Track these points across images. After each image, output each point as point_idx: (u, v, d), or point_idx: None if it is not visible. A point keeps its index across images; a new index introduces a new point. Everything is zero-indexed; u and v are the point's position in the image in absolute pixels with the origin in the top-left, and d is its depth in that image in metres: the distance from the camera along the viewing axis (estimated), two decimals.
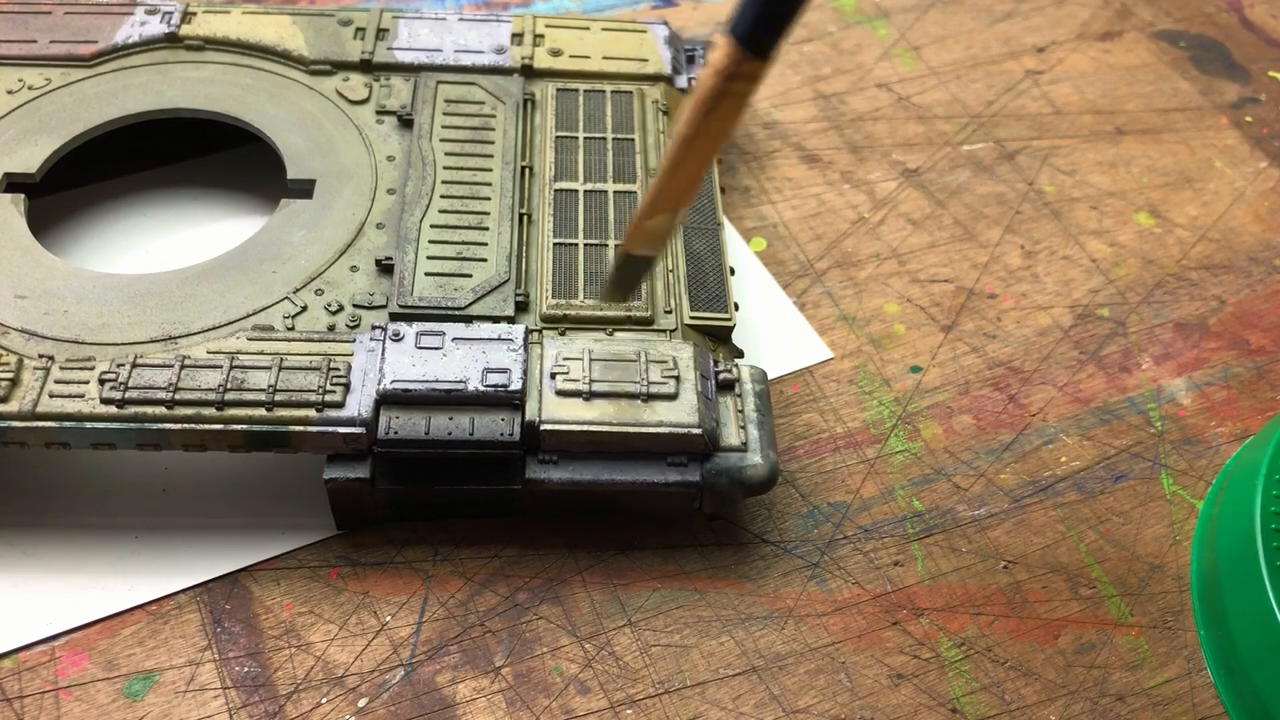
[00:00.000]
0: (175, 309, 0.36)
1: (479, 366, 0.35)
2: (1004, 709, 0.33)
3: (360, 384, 0.35)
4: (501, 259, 0.38)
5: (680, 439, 0.34)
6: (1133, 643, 0.35)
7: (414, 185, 0.40)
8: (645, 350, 0.36)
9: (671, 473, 0.35)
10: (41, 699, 0.33)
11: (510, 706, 0.33)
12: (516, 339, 0.36)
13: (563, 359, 0.36)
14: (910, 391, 0.41)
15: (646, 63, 0.45)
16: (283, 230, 0.39)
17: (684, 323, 0.37)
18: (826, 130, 0.51)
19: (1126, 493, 0.39)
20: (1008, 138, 0.51)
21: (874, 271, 0.45)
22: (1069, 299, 0.45)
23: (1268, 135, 0.52)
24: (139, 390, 0.34)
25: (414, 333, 0.36)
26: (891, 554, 0.37)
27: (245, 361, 0.35)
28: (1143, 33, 0.58)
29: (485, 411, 0.34)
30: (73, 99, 0.42)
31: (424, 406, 0.34)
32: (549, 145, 0.42)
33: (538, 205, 0.40)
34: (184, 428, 0.34)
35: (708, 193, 0.42)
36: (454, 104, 0.42)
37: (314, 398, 0.34)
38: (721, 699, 0.33)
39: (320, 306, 0.37)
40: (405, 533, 0.36)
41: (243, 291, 0.37)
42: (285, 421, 0.34)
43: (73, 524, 0.36)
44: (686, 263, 0.39)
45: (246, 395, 0.34)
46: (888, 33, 0.57)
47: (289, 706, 0.33)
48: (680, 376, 0.35)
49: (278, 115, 0.42)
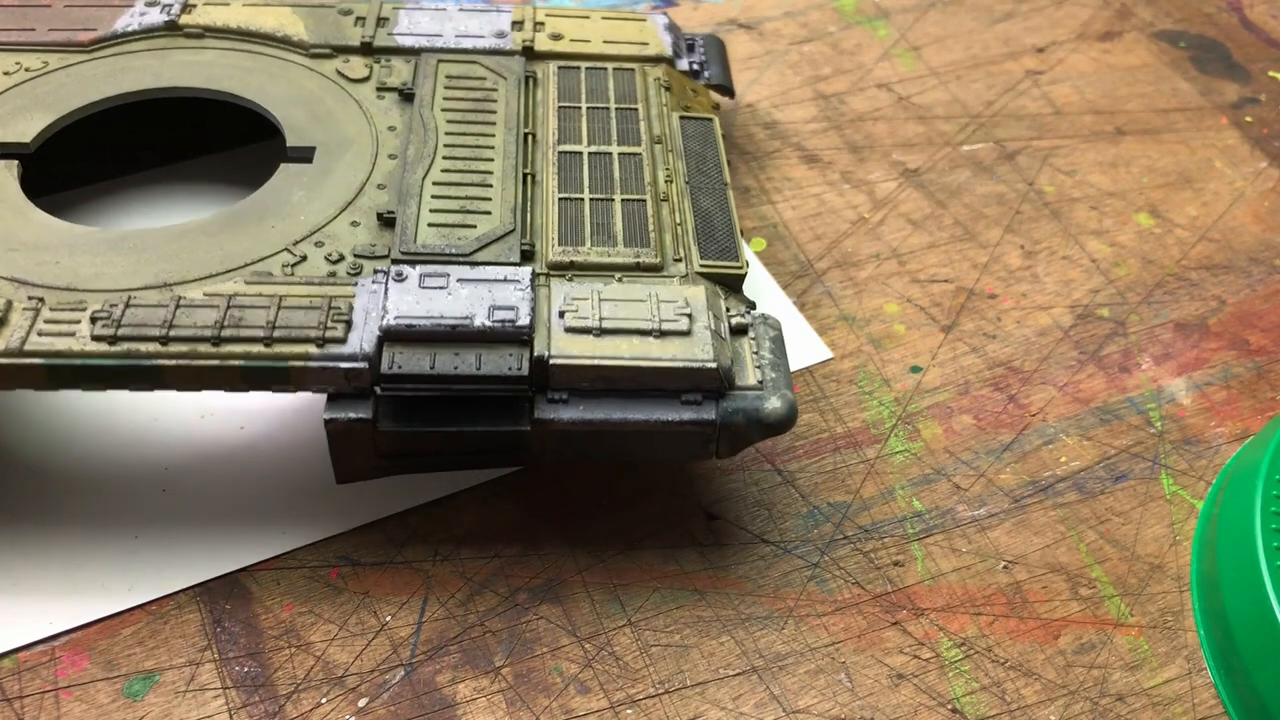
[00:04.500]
0: (171, 260, 0.36)
1: (485, 304, 0.34)
2: (1004, 709, 0.33)
3: (362, 322, 0.34)
4: (506, 212, 0.37)
5: (695, 373, 0.33)
6: (1133, 643, 0.35)
7: (415, 148, 0.39)
8: (656, 292, 0.35)
9: (686, 411, 0.33)
10: (41, 699, 0.33)
11: (510, 706, 0.33)
12: (523, 279, 0.35)
13: (571, 299, 0.35)
14: (910, 391, 0.41)
15: (647, 46, 0.45)
16: (282, 191, 0.38)
17: (694, 270, 0.37)
18: (826, 130, 0.51)
19: (1126, 493, 0.39)
20: (1008, 138, 0.51)
21: (874, 271, 0.45)
22: (1069, 299, 0.45)
23: (1268, 135, 0.52)
24: (132, 328, 0.33)
25: (418, 274, 0.35)
26: (891, 554, 0.37)
27: (243, 302, 0.34)
28: (1143, 33, 0.58)
29: (492, 347, 0.33)
30: (70, 79, 0.42)
31: (429, 343, 0.33)
32: (551, 114, 0.42)
33: (541, 167, 0.40)
34: (179, 364, 0.32)
35: (713, 156, 0.41)
36: (455, 79, 0.42)
37: (314, 334, 0.33)
38: (721, 699, 0.33)
39: (320, 257, 0.36)
40: (405, 532, 0.36)
41: (240, 244, 0.36)
42: (284, 357, 0.33)
43: (73, 524, 0.36)
44: (695, 218, 0.38)
45: (244, 332, 0.33)
46: (888, 33, 0.57)
47: (289, 706, 0.33)
48: (693, 315, 0.35)
49: (277, 92, 0.42)
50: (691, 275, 0.36)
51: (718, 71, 0.47)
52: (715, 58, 0.47)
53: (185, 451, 0.38)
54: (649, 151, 0.40)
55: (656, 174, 0.39)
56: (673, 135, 0.41)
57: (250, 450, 0.38)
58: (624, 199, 0.38)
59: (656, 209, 0.38)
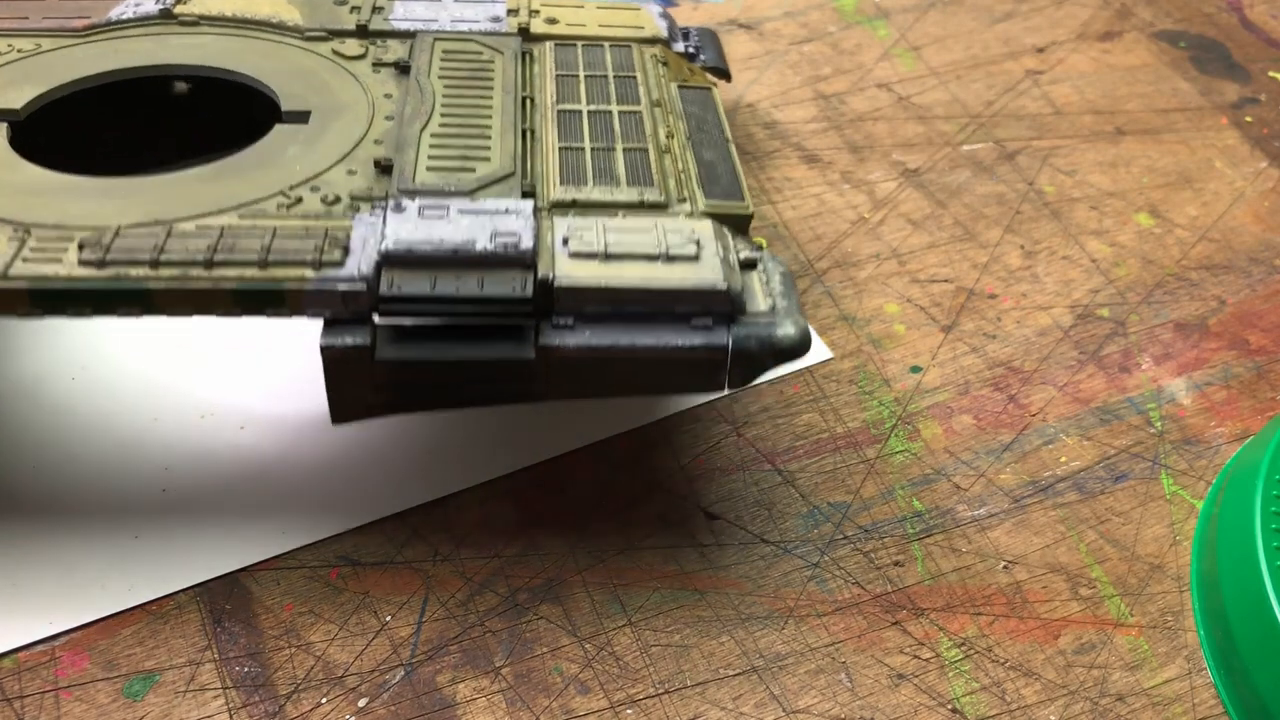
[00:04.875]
0: (162, 202, 0.35)
1: (487, 231, 0.33)
2: (1004, 709, 0.33)
3: (360, 249, 0.33)
4: (506, 158, 0.37)
5: (704, 295, 0.33)
6: (1133, 643, 0.35)
7: (413, 107, 0.39)
8: (662, 224, 0.35)
9: (697, 336, 0.33)
10: (41, 699, 0.33)
11: (510, 706, 0.33)
12: (525, 210, 0.34)
13: (575, 229, 0.34)
14: (910, 391, 0.41)
15: (643, 29, 0.45)
16: (276, 146, 0.38)
17: (700, 210, 0.36)
18: (826, 130, 0.51)
19: (1126, 493, 0.39)
20: (1008, 138, 0.51)
21: (874, 271, 0.45)
22: (1069, 299, 0.45)
23: (1268, 135, 0.52)
24: (121, 253, 0.32)
25: (416, 205, 0.34)
26: (891, 554, 0.37)
27: (237, 232, 0.33)
28: (1143, 33, 0.58)
29: (495, 271, 0.32)
30: (62, 58, 0.42)
31: (429, 267, 0.32)
32: (549, 80, 0.41)
33: (540, 124, 0.39)
34: (169, 286, 0.32)
35: (714, 120, 0.41)
36: (452, 53, 0.42)
37: (310, 257, 0.32)
38: (721, 699, 0.33)
39: (316, 199, 0.35)
40: (405, 532, 0.36)
41: (234, 189, 0.36)
42: (280, 280, 0.32)
43: (73, 524, 0.36)
44: (697, 166, 0.38)
45: (238, 256, 0.32)
46: (888, 33, 0.57)
47: (289, 706, 0.33)
48: (701, 243, 0.34)
49: (271, 67, 0.42)
50: (697, 214, 0.36)
51: (713, 56, 0.47)
52: (710, 45, 0.48)
53: (185, 451, 0.38)
54: (649, 112, 0.40)
55: (657, 130, 0.39)
56: (672, 100, 0.41)
57: (250, 450, 0.38)
58: (626, 148, 0.38)
59: (659, 158, 0.38)
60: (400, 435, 0.39)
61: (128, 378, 0.40)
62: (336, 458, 0.38)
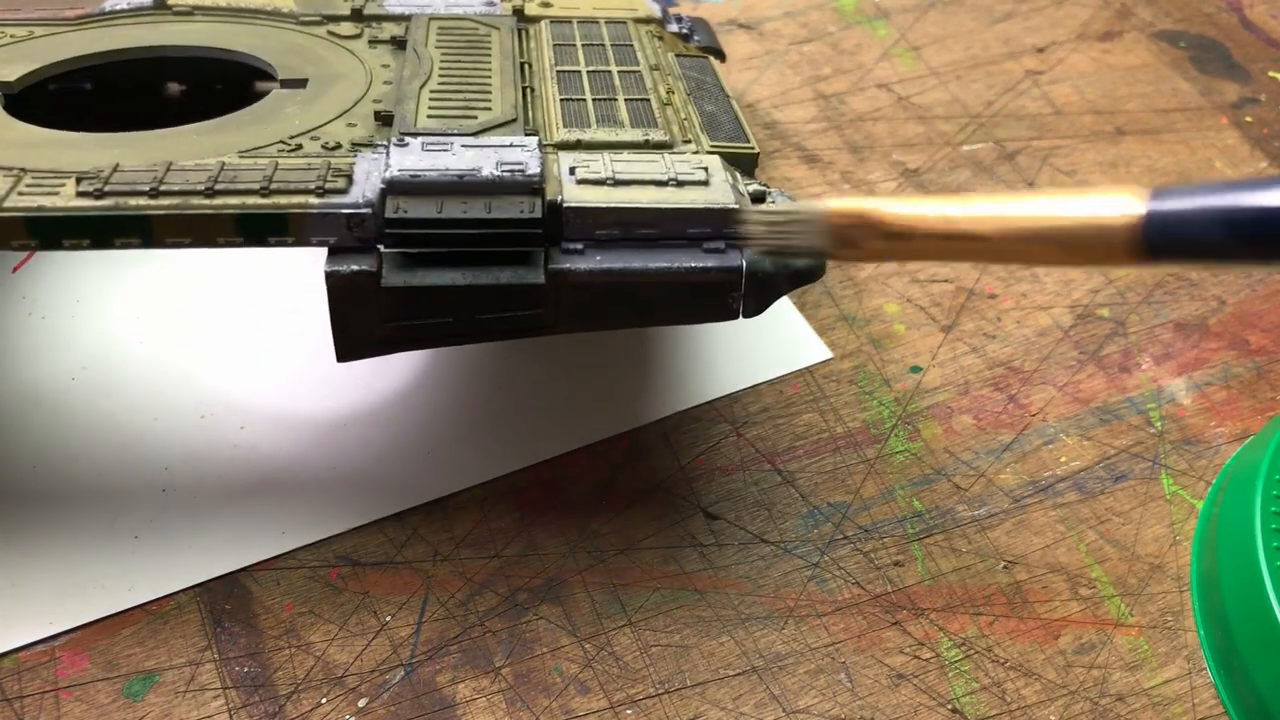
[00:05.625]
0: (160, 153, 0.35)
1: (492, 160, 0.33)
2: (1004, 709, 0.33)
3: (364, 179, 0.32)
4: (507, 107, 0.37)
5: (715, 214, 0.32)
6: (1133, 643, 0.35)
7: (411, 69, 0.39)
8: (670, 157, 0.35)
9: (710, 259, 0.32)
10: (41, 699, 0.33)
11: (510, 706, 0.33)
12: (530, 144, 0.34)
13: (582, 160, 0.34)
14: (910, 391, 0.41)
15: (636, 10, 0.46)
16: (275, 106, 0.38)
17: (705, 150, 0.36)
18: (826, 130, 0.51)
19: (1126, 493, 0.39)
20: (1008, 138, 0.51)
21: (874, 271, 0.45)
22: (1069, 299, 0.45)
23: (1268, 135, 0.52)
24: (120, 185, 0.32)
25: (420, 142, 0.34)
26: (891, 554, 0.37)
27: (238, 166, 0.33)
28: (1143, 33, 0.58)
29: (501, 196, 0.32)
30: (57, 42, 0.42)
31: (434, 194, 0.32)
32: (547, 49, 0.41)
33: (539, 84, 0.39)
34: (169, 214, 0.31)
35: (713, 82, 0.41)
36: (448, 29, 0.42)
37: (314, 185, 0.32)
38: (721, 699, 0.33)
39: (316, 146, 0.35)
40: (405, 532, 0.36)
41: (234, 139, 0.35)
42: (282, 206, 0.31)
43: (73, 524, 0.36)
44: (700, 116, 0.38)
45: (240, 186, 0.32)
46: (888, 33, 0.57)
47: (289, 706, 0.33)
48: (710, 170, 0.34)
49: (267, 45, 0.42)
50: (703, 153, 0.36)
51: (706, 37, 0.47)
52: (702, 29, 0.48)
53: (185, 451, 0.38)
54: (649, 73, 0.40)
55: (658, 86, 0.39)
56: (670, 65, 0.42)
57: (250, 450, 0.38)
58: (627, 99, 0.38)
59: (662, 109, 0.38)
60: (400, 435, 0.39)
61: (128, 378, 0.40)
62: (336, 458, 0.38)
